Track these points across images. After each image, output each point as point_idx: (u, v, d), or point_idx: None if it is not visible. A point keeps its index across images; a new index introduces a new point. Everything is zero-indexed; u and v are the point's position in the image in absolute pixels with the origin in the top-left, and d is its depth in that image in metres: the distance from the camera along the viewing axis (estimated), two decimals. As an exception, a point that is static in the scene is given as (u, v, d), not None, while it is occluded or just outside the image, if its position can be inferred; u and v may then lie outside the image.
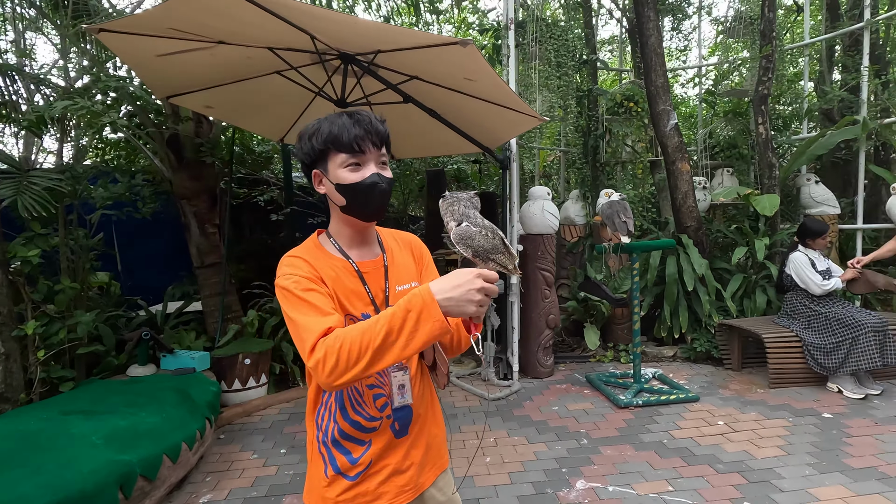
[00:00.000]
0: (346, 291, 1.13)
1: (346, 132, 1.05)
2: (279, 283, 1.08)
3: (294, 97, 4.10)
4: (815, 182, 5.58)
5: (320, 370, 0.92)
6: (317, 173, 1.14)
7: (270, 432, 3.52)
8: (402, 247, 1.28)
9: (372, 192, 1.08)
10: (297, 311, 1.02)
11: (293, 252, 1.16)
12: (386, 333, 0.91)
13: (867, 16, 5.28)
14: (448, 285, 0.92)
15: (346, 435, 1.14)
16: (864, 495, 2.50)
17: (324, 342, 0.94)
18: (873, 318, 3.70)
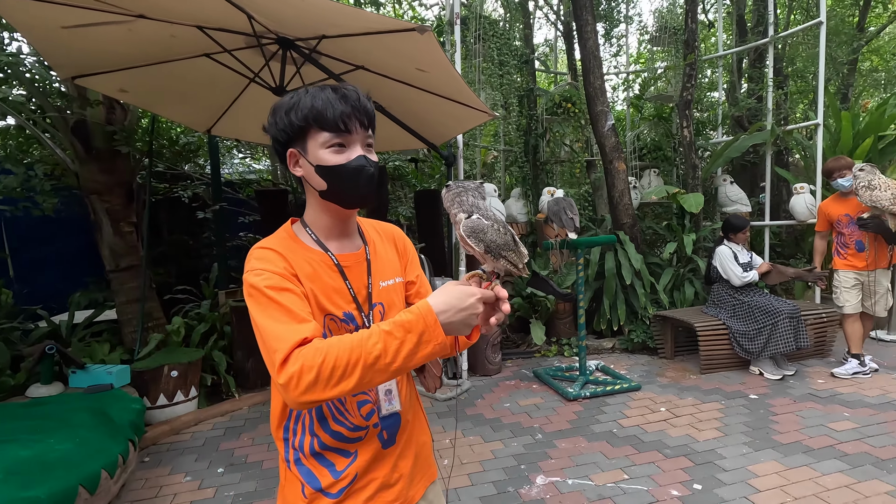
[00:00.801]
0: (326, 288, 1.00)
1: (332, 108, 0.93)
2: (248, 280, 0.93)
3: (225, 83, 3.77)
4: (730, 183, 6.08)
5: (293, 386, 0.79)
6: (293, 153, 0.99)
7: (204, 450, 3.19)
8: (384, 239, 1.16)
9: (358, 176, 0.96)
10: (266, 315, 0.88)
11: (264, 243, 1.00)
12: (380, 353, 0.81)
13: (771, 32, 5.83)
14: (452, 308, 0.84)
15: (328, 446, 1.01)
16: (794, 468, 2.70)
17: (300, 354, 0.81)
18: (788, 306, 4.06)
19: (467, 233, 0.94)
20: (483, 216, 0.96)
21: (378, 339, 0.81)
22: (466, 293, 0.85)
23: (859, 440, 2.97)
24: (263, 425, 3.53)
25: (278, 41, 3.31)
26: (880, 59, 9.09)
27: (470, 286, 0.88)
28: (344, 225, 1.06)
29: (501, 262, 0.96)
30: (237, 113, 4.18)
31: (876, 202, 3.59)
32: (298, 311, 0.89)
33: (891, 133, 5.24)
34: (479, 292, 0.87)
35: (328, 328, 0.99)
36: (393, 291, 1.11)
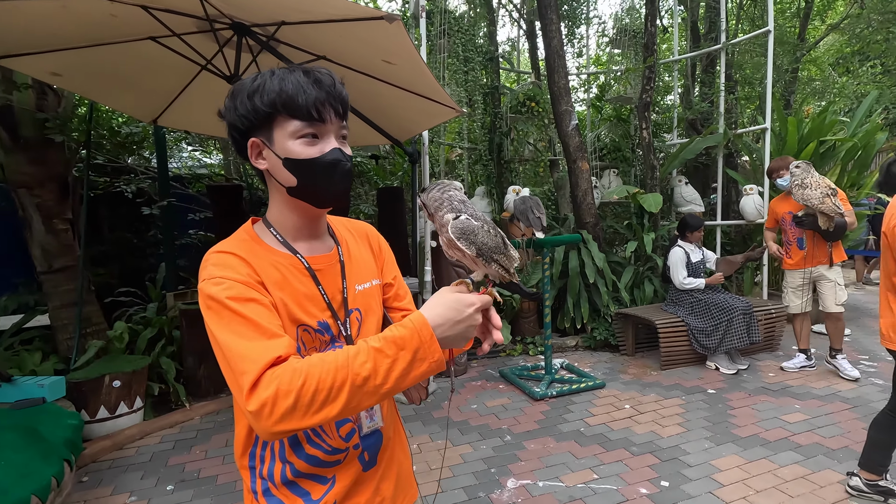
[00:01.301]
0: (297, 295, 0.88)
1: (303, 93, 0.82)
2: (204, 290, 0.81)
3: (173, 70, 3.52)
4: (686, 183, 6.27)
5: (266, 414, 0.68)
6: (255, 143, 0.87)
7: (151, 466, 2.95)
8: (357, 238, 1.06)
9: (333, 171, 0.86)
10: (229, 331, 0.76)
11: (222, 246, 0.88)
12: (370, 374, 0.72)
13: (723, 39, 6.06)
14: (448, 321, 0.77)
15: (302, 473, 0.90)
16: (754, 461, 2.78)
17: (273, 376, 0.70)
18: (742, 303, 4.22)
19: (457, 234, 0.85)
20: (472, 216, 0.87)
21: (367, 358, 0.72)
22: (464, 303, 0.78)
23: (811, 431, 3.11)
24: (218, 436, 3.32)
25: (233, 27, 3.11)
26: (817, 69, 9.71)
27: (467, 294, 0.80)
28: (314, 224, 0.95)
29: (493, 267, 0.87)
30: (187, 102, 3.91)
31: (807, 200, 3.74)
32: (267, 325, 0.77)
33: (831, 138, 5.56)
34: (478, 300, 0.80)
35: (301, 340, 0.88)
36: (370, 295, 1.01)
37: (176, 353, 3.99)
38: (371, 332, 0.98)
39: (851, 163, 5.76)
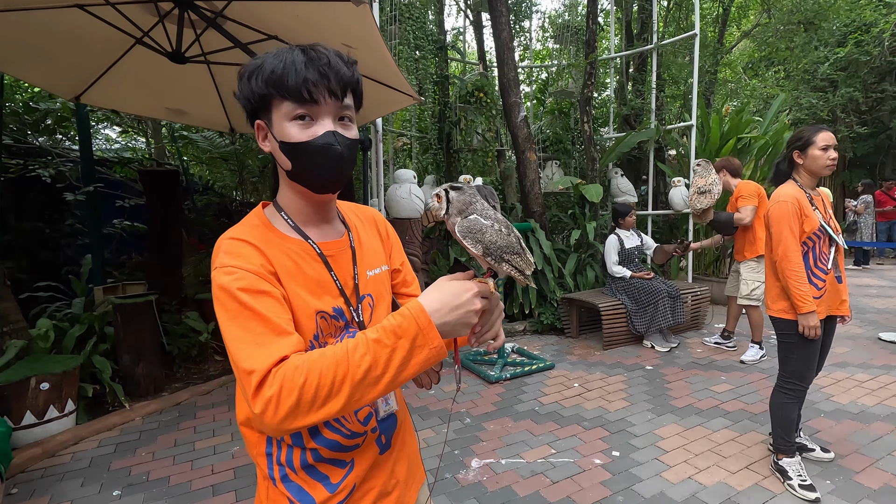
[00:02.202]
0: (311, 283, 0.88)
1: (294, 74, 0.80)
2: (217, 280, 0.79)
3: (102, 42, 3.23)
4: (621, 175, 6.65)
5: (272, 412, 0.69)
6: (260, 125, 0.87)
7: (92, 472, 2.74)
8: (365, 224, 1.06)
9: (323, 156, 0.83)
10: (237, 326, 0.75)
11: (235, 233, 0.86)
12: (370, 366, 0.71)
13: (655, 39, 6.46)
14: (446, 305, 0.76)
15: (322, 458, 0.90)
16: (691, 428, 3.07)
17: (279, 374, 0.70)
18: (667, 286, 4.59)
19: (463, 233, 0.84)
20: (481, 215, 0.85)
21: (366, 350, 0.72)
22: (462, 288, 0.78)
23: (736, 399, 3.47)
24: (164, 436, 3.13)
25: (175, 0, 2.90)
26: (732, 72, 10.62)
27: (464, 282, 0.80)
28: (323, 209, 0.94)
29: (504, 267, 0.86)
30: (117, 78, 3.61)
31: (689, 198, 4.21)
32: (278, 321, 0.77)
33: (747, 136, 6.13)
34: (476, 286, 0.79)
35: (319, 328, 0.87)
36: (380, 281, 1.01)
37: (110, 350, 3.70)
38: (382, 317, 0.98)
39: (764, 158, 6.38)
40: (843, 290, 2.40)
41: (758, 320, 4.21)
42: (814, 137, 2.33)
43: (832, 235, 2.34)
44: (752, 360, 4.19)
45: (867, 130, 10.89)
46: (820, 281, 2.34)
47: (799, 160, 2.39)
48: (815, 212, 2.32)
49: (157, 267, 4.54)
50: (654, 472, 2.61)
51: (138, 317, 3.69)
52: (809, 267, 2.35)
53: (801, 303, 2.28)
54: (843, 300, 2.40)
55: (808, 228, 2.32)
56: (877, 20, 9.79)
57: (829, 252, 2.35)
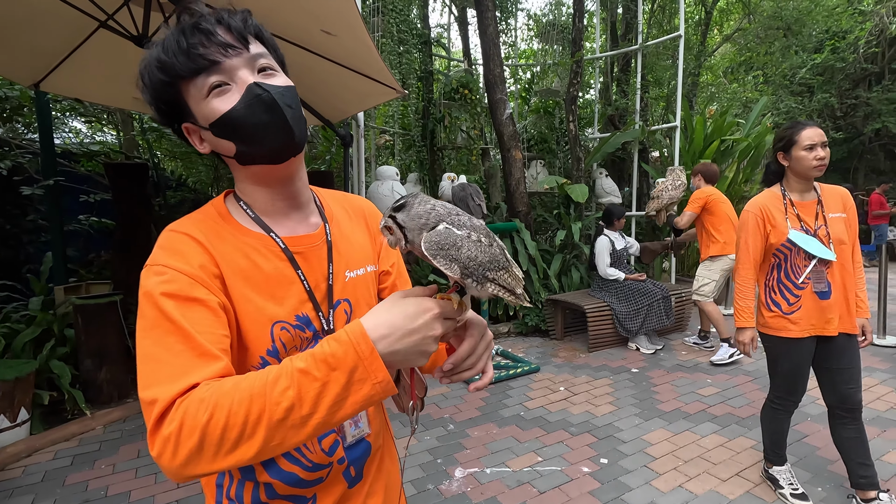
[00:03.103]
0: (270, 286, 0.73)
1: (178, 45, 0.67)
2: (143, 281, 0.65)
3: (63, 25, 3.02)
4: (606, 176, 6.62)
5: (170, 454, 0.55)
6: (188, 128, 0.73)
7: (44, 487, 2.53)
8: (352, 216, 0.90)
9: (257, 111, 0.68)
10: (154, 341, 0.61)
11: (180, 225, 0.72)
12: (293, 403, 0.55)
13: (640, 40, 6.44)
14: (396, 330, 0.59)
15: (277, 494, 0.76)
16: (679, 433, 3.00)
17: (181, 408, 0.55)
18: (661, 289, 4.54)
19: (432, 251, 0.62)
20: (454, 224, 0.64)
21: (289, 383, 0.56)
22: (419, 309, 0.61)
23: (723, 403, 3.42)
24: (127, 447, 2.93)
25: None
26: (713, 75, 10.74)
27: (422, 297, 0.63)
28: (289, 193, 0.78)
29: (490, 288, 0.66)
30: (80, 65, 3.39)
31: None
32: (201, 339, 0.61)
33: (729, 138, 6.15)
34: (436, 305, 0.62)
35: (280, 341, 0.72)
36: (362, 284, 0.86)
37: (70, 354, 3.47)
38: None
39: (746, 160, 6.42)
40: (830, 308, 2.11)
41: (714, 316, 4.24)
42: (796, 136, 2.11)
43: (804, 248, 2.06)
44: (721, 361, 4.14)
45: (842, 136, 11.14)
46: (791, 296, 2.14)
47: (784, 162, 2.15)
48: (788, 221, 2.11)
49: (123, 266, 4.30)
50: (643, 480, 2.52)
51: (101, 318, 3.47)
52: (780, 280, 2.17)
53: (737, 315, 2.25)
54: (828, 319, 2.11)
55: (774, 240, 2.14)
56: (852, 27, 10.01)
57: (804, 265, 2.11)
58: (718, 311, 4.24)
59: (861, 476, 2.15)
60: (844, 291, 2.14)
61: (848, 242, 2.12)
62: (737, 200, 6.51)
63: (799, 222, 2.13)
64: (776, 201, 2.17)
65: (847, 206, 2.16)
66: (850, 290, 2.14)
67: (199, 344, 0.61)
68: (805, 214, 2.14)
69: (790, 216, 2.14)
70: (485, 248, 0.65)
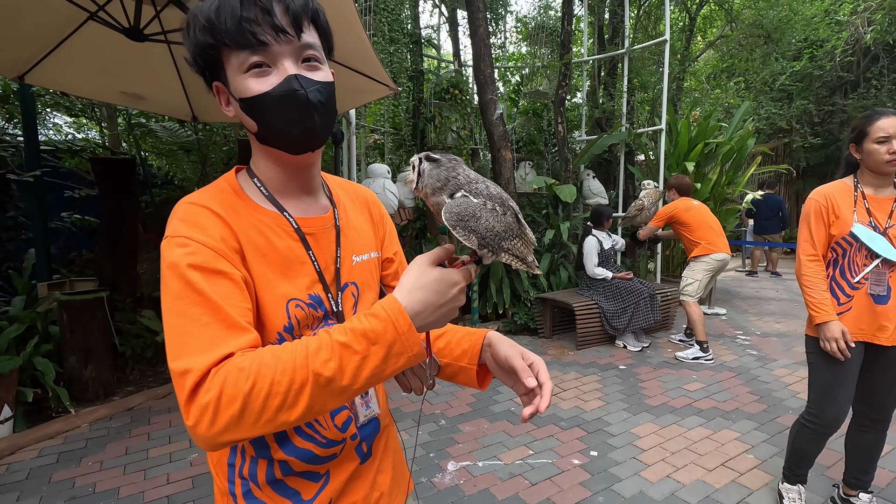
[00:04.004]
0: (284, 265, 0.74)
1: (229, 14, 0.66)
2: (165, 253, 0.66)
3: (51, 15, 2.98)
4: (593, 178, 6.70)
5: (207, 422, 0.56)
6: (218, 87, 0.73)
7: (30, 485, 2.49)
8: (356, 203, 0.92)
9: (288, 106, 0.69)
10: (181, 312, 0.62)
11: (196, 197, 0.72)
12: (334, 374, 0.58)
13: (626, 45, 6.55)
14: (430, 306, 0.64)
15: (293, 471, 0.77)
16: (666, 427, 3.06)
17: (218, 376, 0.57)
18: (648, 287, 4.62)
19: (452, 221, 0.67)
20: (472, 192, 0.69)
21: (331, 355, 0.59)
22: (448, 283, 0.65)
23: (708, 397, 3.49)
24: (114, 444, 2.89)
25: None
26: (696, 81, 10.96)
27: (451, 271, 0.67)
28: (303, 178, 0.80)
29: (504, 257, 0.71)
30: (67, 57, 3.35)
31: None
32: (231, 311, 0.63)
33: (713, 141, 6.29)
34: (462, 278, 0.67)
35: (295, 317, 0.74)
36: (367, 268, 0.88)
37: (54, 352, 3.41)
38: (366, 310, 0.86)
39: (729, 163, 6.56)
40: (886, 314, 1.90)
41: (694, 318, 4.34)
42: (868, 127, 1.88)
43: (869, 247, 1.88)
44: (684, 358, 4.26)
45: (819, 141, 11.44)
46: (843, 295, 1.97)
47: (857, 155, 1.96)
48: (855, 214, 1.93)
49: (109, 262, 4.24)
50: (632, 471, 2.57)
51: (87, 315, 3.41)
52: (834, 277, 2.00)
53: (813, 311, 1.97)
54: (881, 325, 1.91)
55: (836, 232, 1.95)
56: (829, 37, 10.31)
57: (863, 263, 1.93)
58: (700, 313, 4.34)
59: (855, 478, 2.13)
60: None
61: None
62: (720, 202, 6.66)
63: (868, 217, 1.92)
64: (846, 191, 1.98)
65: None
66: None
67: (228, 315, 0.62)
68: (877, 210, 1.93)
69: (859, 209, 1.94)
70: (500, 217, 0.68)
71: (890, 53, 10.40)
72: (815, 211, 2.00)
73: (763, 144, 11.86)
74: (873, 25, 8.97)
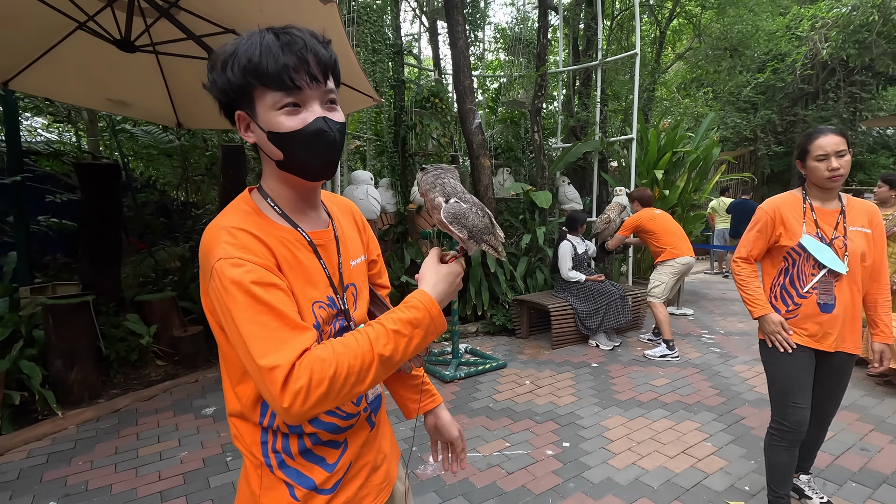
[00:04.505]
0: (305, 273, 0.89)
1: (273, 60, 0.77)
2: (225, 273, 0.76)
3: (39, 24, 3.05)
4: (568, 184, 6.96)
5: (300, 402, 0.72)
6: (241, 116, 0.84)
7: (21, 484, 2.54)
8: (344, 213, 1.07)
9: (317, 143, 0.82)
10: (252, 321, 0.75)
11: (231, 221, 0.83)
12: (392, 353, 0.79)
13: (600, 56, 6.84)
14: (447, 294, 0.90)
15: (320, 441, 0.92)
16: (633, 419, 3.28)
17: (304, 367, 0.73)
18: (619, 289, 4.87)
19: (449, 219, 0.91)
20: (461, 199, 0.93)
21: (387, 340, 0.79)
22: (455, 274, 0.91)
23: (672, 392, 3.74)
24: (103, 444, 2.96)
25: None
26: (667, 91, 11.40)
27: (455, 266, 0.92)
28: (309, 198, 0.94)
29: (483, 246, 0.97)
30: (54, 65, 3.41)
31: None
32: (291, 315, 0.78)
33: (681, 150, 6.62)
34: (461, 269, 0.93)
35: (320, 317, 0.88)
36: (360, 270, 1.04)
37: (38, 355, 3.44)
38: (363, 306, 1.02)
39: (695, 171, 6.90)
40: (830, 322, 1.96)
41: (660, 318, 4.61)
42: (809, 146, 1.95)
43: (814, 256, 1.94)
44: (652, 356, 4.52)
45: (783, 149, 12.02)
46: (791, 303, 2.03)
47: (802, 171, 2.03)
48: (804, 225, 1.99)
49: (93, 267, 4.26)
50: (601, 459, 2.77)
51: (73, 319, 3.46)
52: (785, 286, 2.05)
53: (751, 307, 2.07)
54: (826, 333, 1.97)
55: (786, 242, 2.02)
56: (790, 51, 10.87)
57: (811, 273, 1.97)
58: (666, 313, 4.61)
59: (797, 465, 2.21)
60: (853, 310, 1.98)
61: (868, 259, 1.97)
62: (687, 208, 6.99)
63: (815, 228, 1.98)
64: (795, 203, 2.04)
65: (874, 222, 1.99)
66: (858, 308, 2.00)
67: (291, 319, 0.77)
68: (823, 222, 1.99)
69: (808, 221, 2.00)
70: (480, 218, 0.94)
71: (845, 67, 11.03)
72: (761, 223, 2.07)
73: (730, 152, 12.40)
74: (829, 42, 9.51)
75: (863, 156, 11.64)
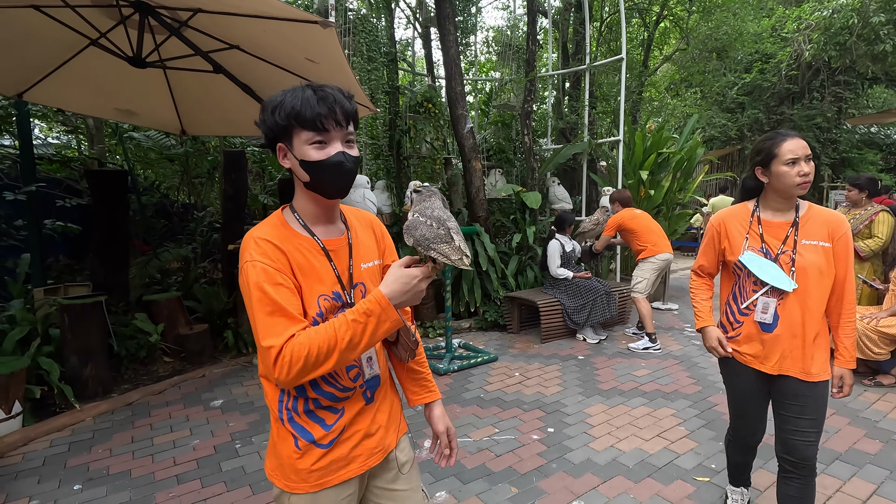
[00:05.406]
0: (317, 273, 1.14)
1: (310, 109, 1.05)
2: (249, 273, 1.06)
3: (53, 41, 3.27)
4: (558, 184, 7.19)
5: (285, 373, 1.00)
6: (281, 147, 1.12)
7: (47, 470, 2.76)
8: (364, 225, 1.32)
9: (337, 171, 1.10)
10: (261, 310, 1.04)
11: (260, 233, 1.12)
12: (351, 337, 1.02)
13: (588, 61, 7.08)
14: (398, 291, 1.05)
15: (321, 405, 1.16)
16: (614, 407, 3.52)
17: (288, 348, 1.00)
18: (604, 285, 5.12)
19: (404, 229, 1.11)
20: (423, 214, 1.11)
21: (347, 327, 1.02)
22: (410, 276, 1.06)
23: (652, 381, 3.98)
24: (120, 434, 3.17)
25: (134, 5, 3.00)
26: (655, 92, 11.67)
27: (412, 269, 1.07)
28: (329, 212, 1.20)
29: (431, 254, 1.09)
30: (66, 78, 3.60)
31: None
32: (290, 308, 1.05)
33: (666, 151, 6.86)
34: (420, 273, 1.07)
35: (324, 308, 1.13)
36: (373, 272, 1.27)
37: (55, 352, 3.64)
38: None
39: (680, 171, 7.15)
40: (772, 343, 1.84)
41: (643, 312, 4.85)
42: (776, 149, 1.78)
43: (754, 273, 1.84)
44: (636, 349, 4.77)
45: (769, 148, 12.27)
46: (735, 320, 1.96)
47: (763, 178, 1.86)
48: (747, 240, 1.89)
49: (103, 268, 4.46)
50: (582, 443, 3.01)
51: (87, 318, 3.66)
52: (728, 302, 2.01)
53: (696, 318, 2.10)
54: (767, 354, 1.86)
55: (730, 257, 1.94)
56: (775, 52, 11.14)
57: (752, 290, 1.88)
58: (648, 308, 4.85)
59: None
60: (802, 330, 1.80)
61: (824, 276, 1.77)
62: (672, 207, 7.24)
63: (760, 243, 1.87)
64: (742, 216, 1.94)
65: (835, 235, 1.78)
66: (809, 329, 1.79)
67: (288, 311, 1.04)
68: (771, 235, 1.86)
69: (752, 235, 1.89)
70: (433, 230, 1.10)
71: (829, 67, 11.31)
72: (709, 236, 2.04)
73: (718, 151, 12.67)
74: (812, 43, 9.79)
75: (850, 153, 11.94)
